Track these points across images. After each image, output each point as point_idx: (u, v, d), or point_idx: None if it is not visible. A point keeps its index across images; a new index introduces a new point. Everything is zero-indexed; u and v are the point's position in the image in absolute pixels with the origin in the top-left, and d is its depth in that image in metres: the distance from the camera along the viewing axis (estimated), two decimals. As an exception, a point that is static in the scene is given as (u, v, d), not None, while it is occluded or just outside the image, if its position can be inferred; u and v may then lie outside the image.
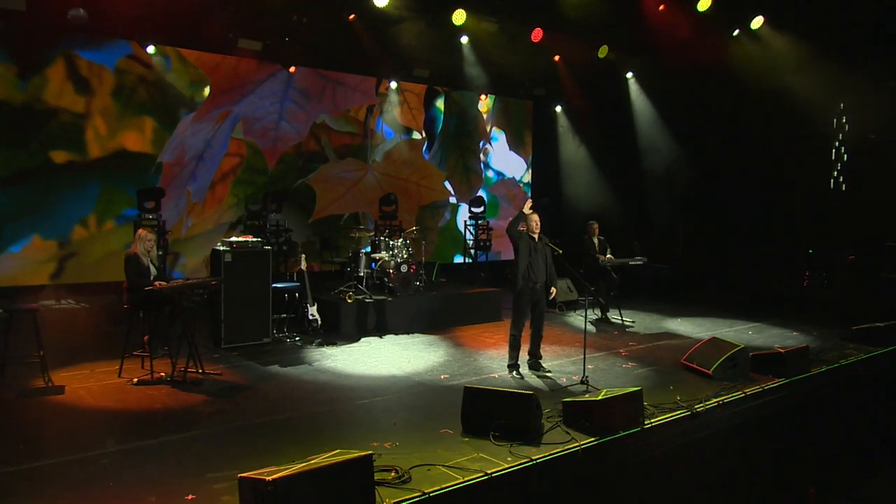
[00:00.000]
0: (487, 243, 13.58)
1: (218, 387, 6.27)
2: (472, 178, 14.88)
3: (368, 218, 12.88)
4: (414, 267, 9.71)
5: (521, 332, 6.88)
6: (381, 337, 8.71)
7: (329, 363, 7.37)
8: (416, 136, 13.74)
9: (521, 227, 6.94)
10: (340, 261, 10.70)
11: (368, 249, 10.10)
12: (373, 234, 10.26)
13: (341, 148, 12.55)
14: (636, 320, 10.19)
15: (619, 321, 9.94)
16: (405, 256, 9.85)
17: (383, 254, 9.86)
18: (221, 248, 7.73)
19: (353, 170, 12.73)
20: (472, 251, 13.86)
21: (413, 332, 8.98)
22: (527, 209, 6.83)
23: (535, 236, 6.86)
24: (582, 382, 6.40)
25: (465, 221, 14.05)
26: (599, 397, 5.15)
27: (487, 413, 5.06)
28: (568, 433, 5.07)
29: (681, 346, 8.33)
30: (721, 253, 13.55)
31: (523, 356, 7.05)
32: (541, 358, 7.04)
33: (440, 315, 9.61)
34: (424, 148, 13.95)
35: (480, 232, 13.74)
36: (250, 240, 7.96)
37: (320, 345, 8.11)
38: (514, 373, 6.80)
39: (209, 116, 11.00)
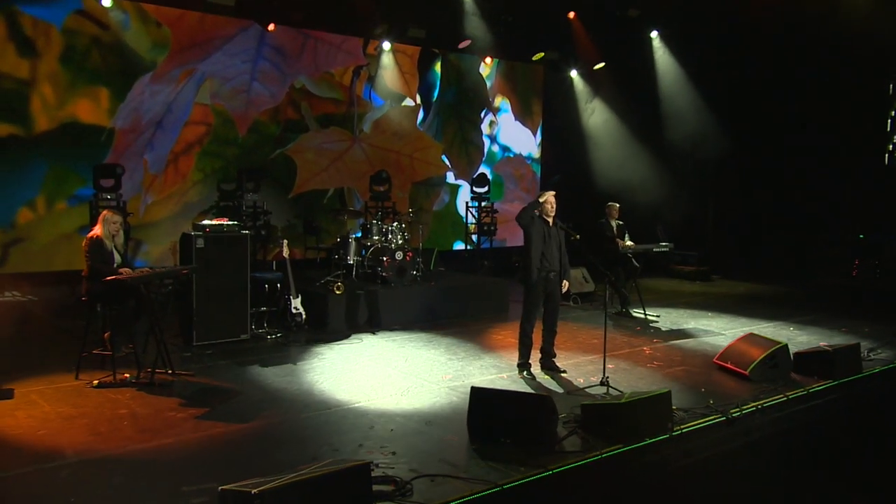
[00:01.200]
0: (492, 228, 13.64)
1: (190, 389, 6.30)
2: (473, 152, 14.94)
3: (355, 195, 12.93)
4: (410, 254, 9.78)
5: (533, 327, 6.93)
6: (374, 333, 8.79)
7: (316, 362, 7.42)
8: (410, 103, 13.77)
9: (536, 210, 6.97)
10: (326, 247, 10.75)
11: (359, 234, 10.15)
12: (362, 216, 10.29)
13: (324, 116, 12.58)
14: (661, 314, 10.27)
15: (642, 315, 10.01)
16: (400, 242, 9.91)
17: (376, 239, 9.90)
18: (193, 233, 7.75)
19: (338, 140, 12.75)
20: (475, 237, 13.92)
21: (410, 328, 9.07)
22: (542, 199, 6.86)
23: (550, 220, 6.88)
24: (602, 384, 6.45)
25: (467, 203, 14.09)
26: (623, 400, 5.21)
27: (497, 417, 5.13)
28: (587, 441, 5.12)
29: (713, 343, 8.42)
30: (758, 238, 13.64)
31: (535, 354, 7.10)
32: (555, 356, 7.09)
33: (440, 308, 9.72)
34: (419, 118, 13.99)
35: (484, 215, 13.81)
36: (225, 223, 7.99)
37: (306, 342, 8.21)
38: (525, 373, 6.86)
39: (170, 76, 10.93)
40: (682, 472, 5.29)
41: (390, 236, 9.90)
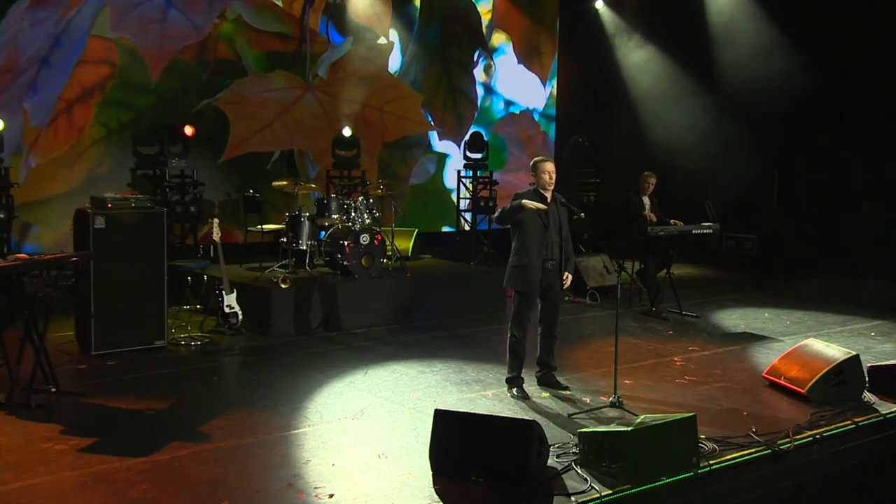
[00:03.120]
0: (490, 204, 13.55)
1: (78, 413, 6.19)
2: (463, 104, 14.78)
3: (308, 160, 12.83)
4: (379, 237, 9.72)
5: (527, 332, 6.87)
6: (328, 337, 8.82)
7: (249, 376, 7.33)
8: (382, 41, 13.65)
9: (531, 183, 6.89)
10: (273, 228, 10.66)
11: (317, 213, 10.11)
12: (316, 189, 10.19)
13: (267, 56, 12.41)
14: (702, 314, 10.30)
15: (678, 314, 10.09)
16: (367, 222, 9.86)
17: (335, 219, 9.82)
18: (90, 210, 7.65)
19: (285, 88, 12.60)
20: (468, 215, 13.82)
21: (377, 331, 9.13)
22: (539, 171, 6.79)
23: (548, 195, 6.78)
24: (613, 405, 6.38)
25: (459, 172, 14.01)
26: (631, 428, 5.09)
27: (467, 449, 5.03)
28: (585, 479, 5.05)
29: (765, 352, 8.36)
30: (832, 221, 13.47)
31: (529, 367, 7.04)
32: (555, 369, 7.07)
33: (417, 306, 9.73)
34: (397, 64, 13.84)
35: (481, 188, 13.72)
36: (134, 196, 7.90)
37: (240, 350, 8.19)
38: (516, 390, 6.81)
39: (56, 0, 10.73)
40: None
41: (354, 214, 9.82)
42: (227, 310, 8.66)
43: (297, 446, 5.61)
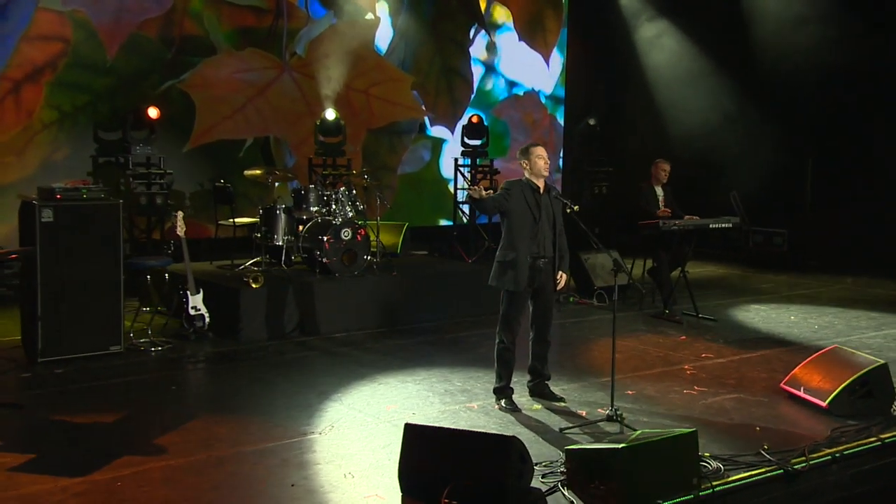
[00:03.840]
0: (493, 191, 13.38)
1: (17, 428, 6.13)
2: (458, 86, 14.68)
3: (286, 149, 12.76)
4: (363, 232, 9.68)
5: (516, 336, 6.80)
6: (304, 342, 8.80)
7: (211, 386, 7.28)
8: (368, 16, 13.58)
9: (524, 167, 6.79)
10: (246, 222, 10.60)
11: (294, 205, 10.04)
12: (293, 178, 10.11)
13: (239, 32, 12.35)
14: (720, 317, 10.23)
15: (694, 317, 10.09)
16: (350, 216, 9.83)
17: (314, 211, 9.78)
18: (37, 201, 7.58)
19: (259, 68, 12.55)
20: (467, 207, 13.77)
21: (358, 336, 9.11)
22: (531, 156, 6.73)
23: (540, 185, 6.69)
24: (610, 418, 6.29)
25: (456, 160, 13.94)
26: (623, 444, 4.99)
27: (439, 468, 4.94)
28: (572, 502, 4.98)
29: (787, 360, 8.24)
30: (872, 214, 13.36)
31: (520, 376, 7.01)
32: (549, 378, 7.01)
33: (405, 308, 9.70)
34: (385, 42, 13.75)
35: (481, 177, 13.67)
36: (86, 187, 7.84)
37: (204, 356, 8.15)
38: (504, 402, 6.72)
39: (-1, -34, 10.63)
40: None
41: (335, 207, 9.76)
42: (192, 312, 8.57)
43: (255, 464, 5.51)
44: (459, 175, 13.69)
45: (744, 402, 7.02)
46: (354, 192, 10.01)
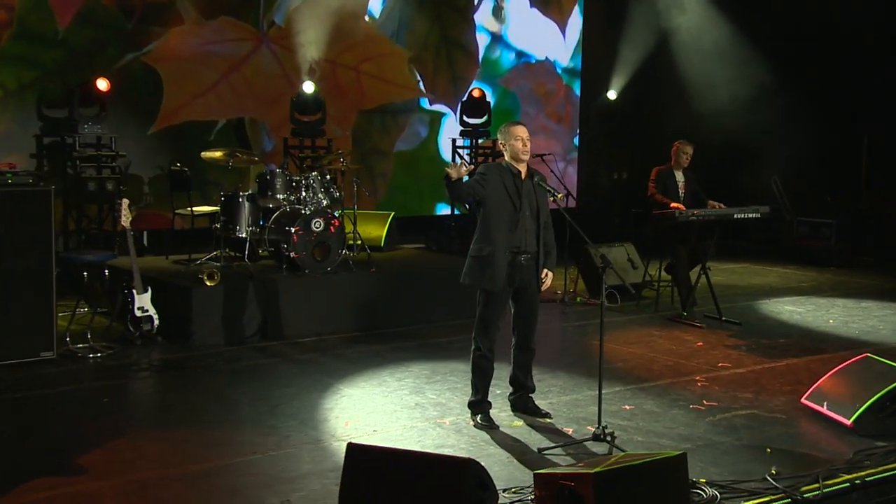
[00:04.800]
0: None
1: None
2: (459, 60, 14.59)
3: (263, 132, 12.72)
4: (337, 223, 9.64)
5: (495, 342, 6.74)
6: (265, 347, 8.78)
7: (151, 397, 7.28)
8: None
9: (502, 149, 6.76)
10: (206, 211, 10.58)
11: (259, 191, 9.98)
12: (257, 160, 10.03)
13: (210, 1, 12.33)
14: (747, 321, 10.21)
15: (717, 320, 10.10)
16: (325, 204, 9.82)
17: (280, 199, 9.76)
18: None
19: (233, 39, 12.52)
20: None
21: (328, 340, 9.11)
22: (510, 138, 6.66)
23: (522, 170, 6.63)
24: (597, 437, 6.19)
25: (454, 141, 13.89)
26: (598, 468, 4.87)
27: (385, 495, 4.86)
28: (539, 537, 4.89)
29: (817, 370, 8.05)
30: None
31: (499, 387, 6.98)
32: (533, 390, 6.94)
33: (385, 309, 9.75)
34: (377, 10, 13.73)
35: (482, 160, 13.69)
36: (11, 171, 7.82)
37: (150, 364, 8.12)
38: (480, 417, 6.66)
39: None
40: None
41: (306, 194, 9.72)
42: (138, 313, 8.52)
43: (179, 493, 5.43)
44: (458, 158, 13.63)
45: (758, 419, 6.92)
46: (329, 176, 9.94)
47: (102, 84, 10.92)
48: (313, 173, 9.85)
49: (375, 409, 6.99)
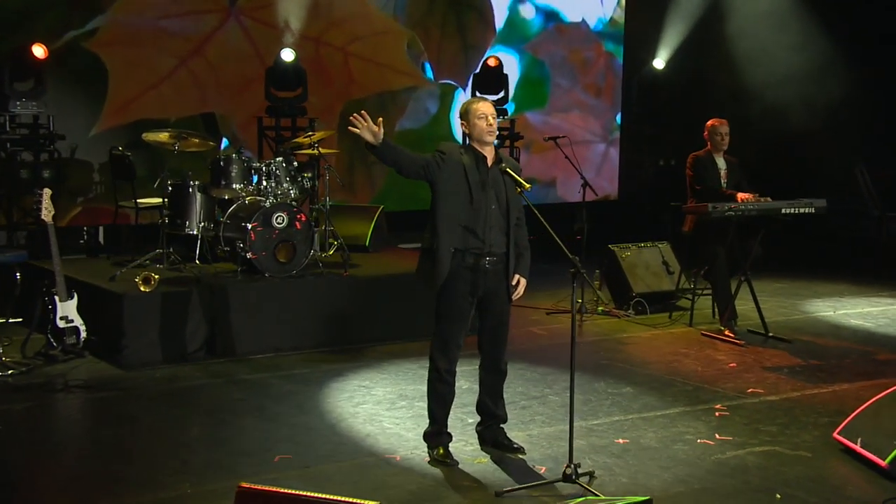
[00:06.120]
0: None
1: None
2: (471, 26, 14.57)
3: (232, 129, 12.85)
4: (303, 218, 9.68)
5: (455, 363, 6.70)
6: (210, 365, 8.84)
7: (54, 425, 7.28)
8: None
9: (463, 129, 6.74)
10: (150, 203, 10.61)
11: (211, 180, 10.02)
12: (213, 145, 10.04)
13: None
14: (799, 338, 10.20)
15: (763, 336, 10.15)
16: (293, 195, 9.90)
17: (237, 189, 9.81)
18: None
19: (195, 12, 12.60)
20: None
21: (286, 355, 9.18)
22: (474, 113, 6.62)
23: (488, 156, 6.60)
24: (568, 478, 6.15)
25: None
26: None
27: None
28: None
29: (869, 398, 7.75)
30: None
31: (461, 415, 7.07)
32: (504, 420, 6.92)
33: (358, 319, 9.78)
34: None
35: (499, 143, 13.52)
36: None
37: (68, 382, 8.13)
38: (437, 451, 6.63)
39: None
40: None
41: (266, 184, 9.75)
42: (61, 324, 8.52)
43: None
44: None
45: (776, 457, 6.82)
46: (296, 163, 9.94)
47: (39, 51, 10.88)
48: (277, 159, 9.86)
49: (316, 441, 6.97)
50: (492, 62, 13.66)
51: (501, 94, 13.59)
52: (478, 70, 13.80)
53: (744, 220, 9.84)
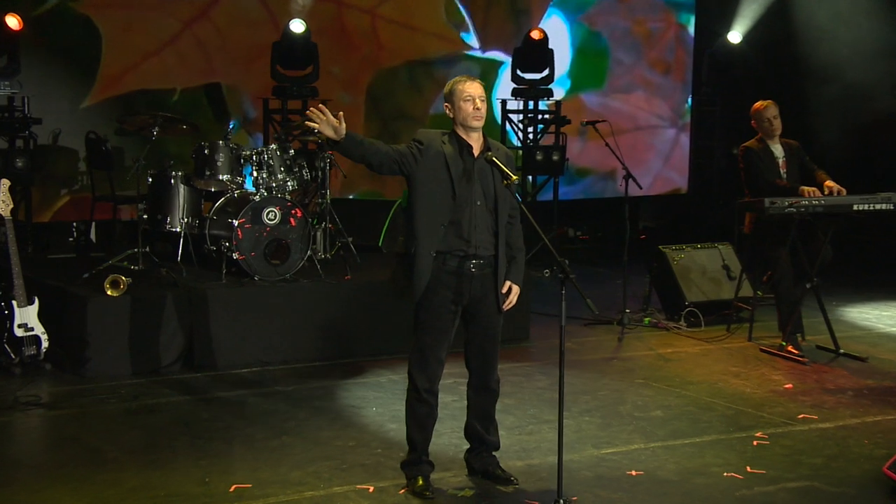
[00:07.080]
0: (555, 157, 13.27)
1: None
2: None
3: (246, 101, 12.94)
4: (299, 213, 9.71)
5: (436, 382, 6.68)
6: (184, 380, 8.91)
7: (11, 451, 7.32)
8: None
9: (448, 113, 6.66)
10: (127, 194, 10.68)
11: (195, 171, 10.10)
12: (188, 129, 10.09)
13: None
14: (876, 355, 10.17)
15: (833, 353, 10.11)
16: (290, 188, 9.98)
17: (224, 180, 9.84)
18: None
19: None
20: (530, 178, 14.05)
21: (272, 369, 9.22)
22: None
23: (475, 145, 6.55)
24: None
25: (504, 103, 14.05)
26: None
27: None
28: None
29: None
30: None
31: (446, 439, 7.14)
32: (496, 447, 6.91)
33: (358, 329, 9.82)
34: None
35: (543, 126, 13.84)
36: None
37: (27, 401, 8.16)
38: (416, 483, 6.59)
39: None
40: None
41: (258, 174, 9.79)
42: (19, 332, 8.53)
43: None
44: (509, 126, 13.57)
45: (813, 494, 6.72)
46: (292, 152, 9.95)
47: (13, 22, 10.92)
48: (270, 146, 9.89)
49: (284, 467, 6.95)
50: (536, 34, 13.60)
51: (546, 71, 13.54)
52: (520, 44, 13.72)
53: (808, 218, 9.70)
